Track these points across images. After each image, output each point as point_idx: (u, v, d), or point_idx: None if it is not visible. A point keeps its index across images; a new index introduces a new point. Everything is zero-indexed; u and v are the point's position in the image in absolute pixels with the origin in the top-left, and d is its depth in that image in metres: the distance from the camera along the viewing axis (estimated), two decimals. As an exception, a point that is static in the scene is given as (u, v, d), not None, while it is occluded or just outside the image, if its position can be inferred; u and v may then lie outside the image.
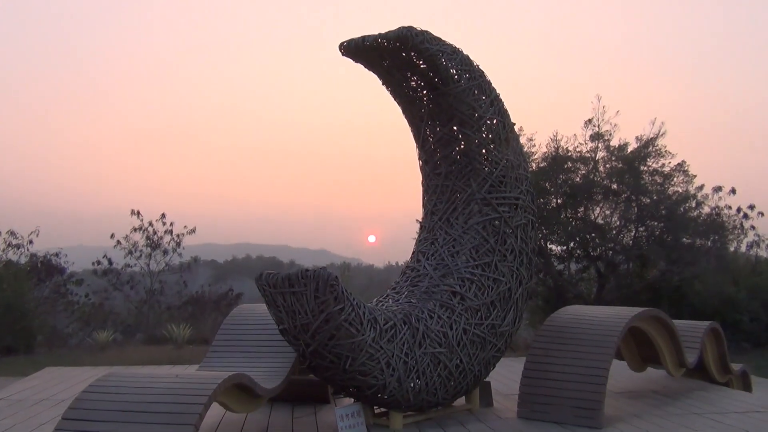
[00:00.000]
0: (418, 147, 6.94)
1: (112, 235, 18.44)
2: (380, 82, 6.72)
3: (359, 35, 6.30)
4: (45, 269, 17.38)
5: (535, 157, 14.97)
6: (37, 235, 17.06)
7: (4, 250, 16.74)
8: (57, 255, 17.71)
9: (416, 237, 7.04)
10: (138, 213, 18.45)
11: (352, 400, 6.22)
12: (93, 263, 18.82)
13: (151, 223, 18.57)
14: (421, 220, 7.13)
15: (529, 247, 6.78)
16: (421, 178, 7.07)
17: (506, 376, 8.98)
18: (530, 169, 12.92)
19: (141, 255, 18.58)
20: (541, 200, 14.59)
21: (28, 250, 17.07)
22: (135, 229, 18.45)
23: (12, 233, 16.90)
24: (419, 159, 7.00)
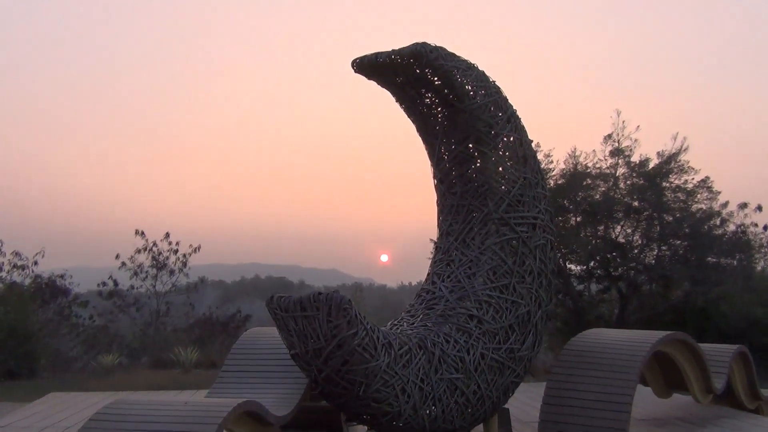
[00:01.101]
0: (432, 165, 6.96)
1: (117, 256, 18.56)
2: (394, 99, 6.76)
3: (372, 51, 6.35)
4: (49, 291, 17.49)
5: (553, 174, 14.95)
6: (43, 256, 17.20)
7: (9, 272, 16.89)
8: (62, 276, 17.82)
9: (431, 257, 7.03)
10: (142, 233, 18.58)
11: (366, 428, 6.19)
12: (98, 285, 18.92)
13: (155, 243, 18.69)
14: (436, 240, 7.12)
15: (548, 268, 6.76)
16: (435, 197, 7.08)
17: (526, 403, 8.91)
18: (548, 186, 12.91)
19: (146, 276, 18.66)
20: (560, 218, 14.55)
21: (32, 271, 17.21)
22: (140, 250, 18.57)
23: (17, 254, 17.05)
24: (434, 177, 7.01)
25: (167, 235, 18.74)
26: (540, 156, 14.79)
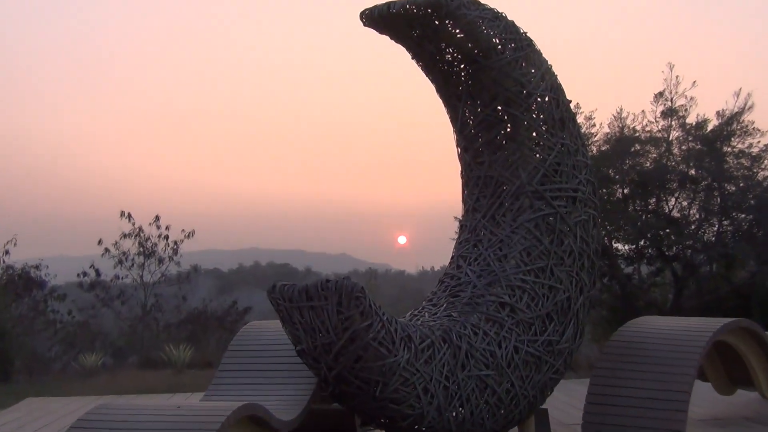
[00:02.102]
0: (455, 131, 6.93)
1: (100, 242, 18.73)
2: (410, 56, 6.72)
3: (383, 1, 6.31)
4: (23, 284, 17.67)
5: (596, 139, 14.88)
6: (15, 245, 17.37)
7: (-24, 263, 17.09)
8: (37, 267, 17.99)
9: (455, 238, 7.03)
10: (129, 216, 18.70)
11: (384, 432, 6.24)
12: (78, 275, 19.11)
13: (142, 228, 18.81)
14: (461, 218, 7.11)
15: (590, 248, 6.73)
16: (459, 169, 7.06)
17: (566, 402, 8.94)
18: (590, 153, 12.81)
19: (133, 264, 18.85)
20: (604, 191, 14.49)
21: (4, 261, 17.39)
22: (125, 235, 18.71)
23: (-14, 243, 17.22)
24: (457, 146, 6.99)
25: (156, 218, 18.88)
26: (580, 119, 14.69)
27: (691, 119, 14.66)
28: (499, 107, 6.56)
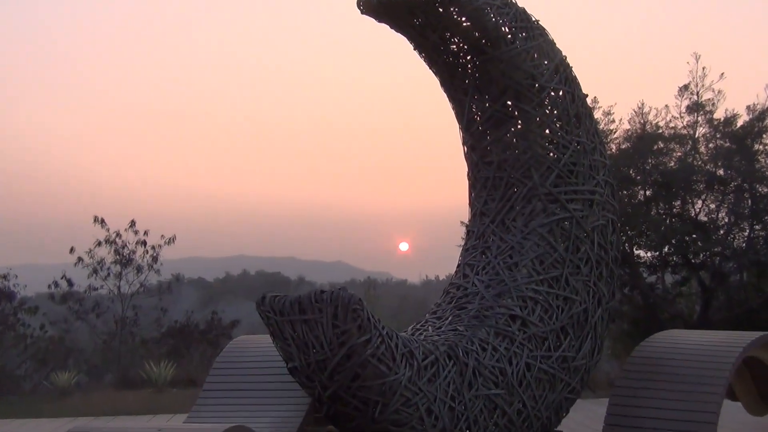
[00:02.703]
0: (461, 129, 6.94)
1: (72, 250, 18.71)
2: (411, 47, 6.73)
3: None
4: (-10, 295, 17.66)
5: (615, 136, 14.87)
6: (-19, 253, 17.40)
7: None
8: (5, 277, 17.98)
9: (462, 245, 7.03)
10: (102, 221, 18.69)
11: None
12: (49, 286, 19.08)
13: (119, 234, 18.79)
14: (467, 222, 7.11)
15: (609, 255, 6.74)
16: (466, 169, 7.07)
17: (583, 424, 8.93)
18: (609, 152, 12.81)
19: (108, 274, 18.82)
20: (625, 192, 14.48)
21: (-31, 272, 17.39)
22: (100, 242, 18.69)
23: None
24: (464, 144, 6.99)
25: (133, 223, 18.86)
26: (597, 114, 14.70)
27: (719, 114, 14.67)
28: (509, 102, 6.58)
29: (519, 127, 6.60)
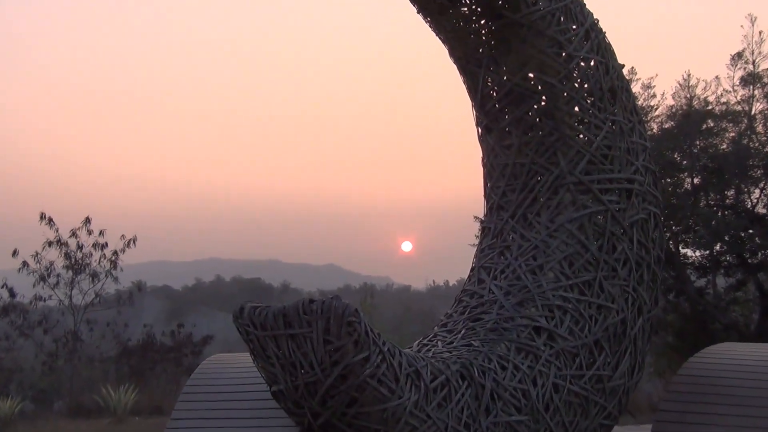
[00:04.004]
0: (474, 107, 6.93)
1: (15, 253, 18.69)
2: (414, 10, 6.72)
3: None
4: None
5: (657, 114, 14.88)
6: None
7: None
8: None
9: (476, 244, 7.03)
10: (50, 220, 18.66)
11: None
12: (-14, 296, 19.07)
13: (74, 233, 18.77)
14: (482, 218, 7.11)
15: (651, 255, 6.73)
16: (480, 155, 7.06)
17: (621, 455, 8.93)
18: (650, 133, 12.81)
19: (58, 282, 18.81)
20: (668, 181, 14.48)
21: None
22: (49, 243, 18.67)
23: None
24: (477, 125, 6.98)
25: (87, 221, 18.83)
26: (636, 88, 14.70)
27: (779, 87, 14.65)
28: (531, 75, 6.57)
29: (543, 104, 6.58)
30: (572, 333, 6.31)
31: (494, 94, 6.75)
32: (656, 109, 14.94)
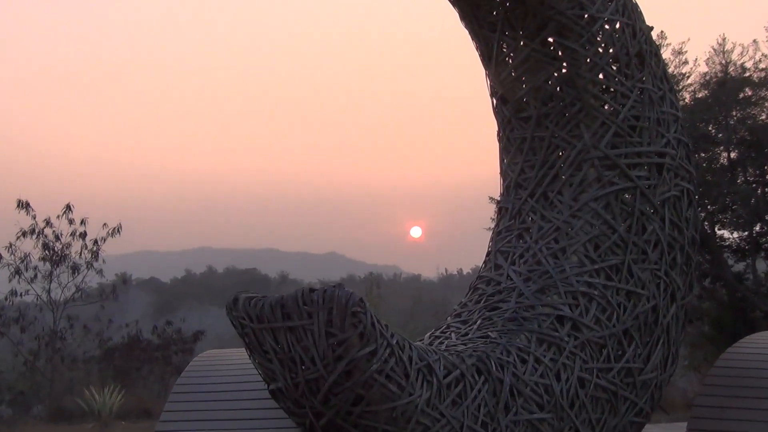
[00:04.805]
0: (488, 75, 6.91)
1: (-12, 244, 18.69)
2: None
3: None
4: None
5: (689, 82, 14.83)
6: None
7: None
8: None
9: (492, 228, 7.02)
10: (26, 205, 18.66)
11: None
12: (-43, 291, 19.09)
13: (49, 222, 18.78)
14: (499, 198, 7.10)
15: (684, 237, 6.72)
16: (495, 128, 7.04)
17: (654, 456, 8.93)
18: (682, 103, 12.76)
19: (36, 275, 18.82)
20: (703, 155, 14.45)
21: None
22: (24, 233, 18.67)
23: None
24: (491, 95, 6.96)
25: (68, 208, 18.80)
26: (666, 54, 14.65)
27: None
28: (550, 39, 6.56)
29: (564, 71, 6.56)
30: (599, 322, 6.31)
31: (510, 60, 6.73)
32: (688, 77, 14.91)
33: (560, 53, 6.56)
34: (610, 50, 6.55)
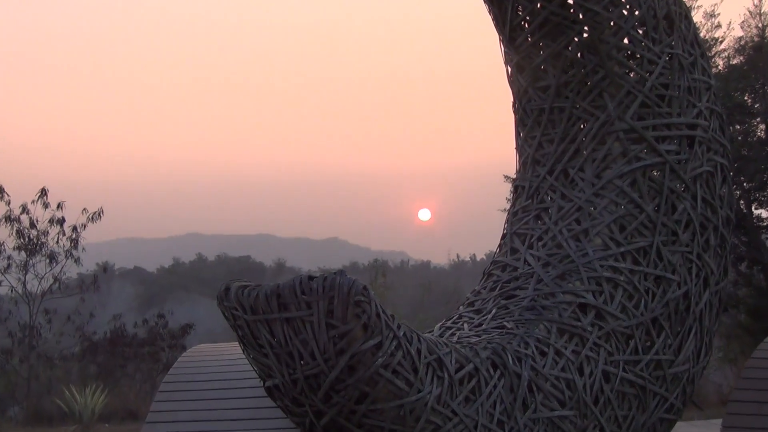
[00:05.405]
0: (503, 41, 6.89)
1: (-45, 232, 18.75)
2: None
3: None
4: None
5: (723, 47, 14.77)
6: None
7: None
8: None
9: (508, 208, 7.00)
10: (0, 190, 18.68)
11: None
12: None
13: (25, 208, 18.80)
14: (514, 176, 7.09)
15: (718, 216, 6.70)
16: (510, 99, 7.03)
17: (686, 456, 8.94)
18: (715, 70, 12.72)
19: (9, 265, 18.86)
20: (738, 127, 14.42)
21: None
22: (-3, 219, 18.70)
23: None
24: (506, 63, 6.95)
25: (43, 192, 18.81)
26: (697, 17, 14.60)
27: None
28: (570, 0, 6.53)
29: (585, 35, 6.54)
30: (625, 311, 6.31)
31: (526, 25, 6.72)
32: (722, 41, 14.85)
33: (581, 16, 6.54)
34: (636, 12, 6.54)
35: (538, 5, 6.62)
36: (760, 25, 14.89)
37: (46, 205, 18.87)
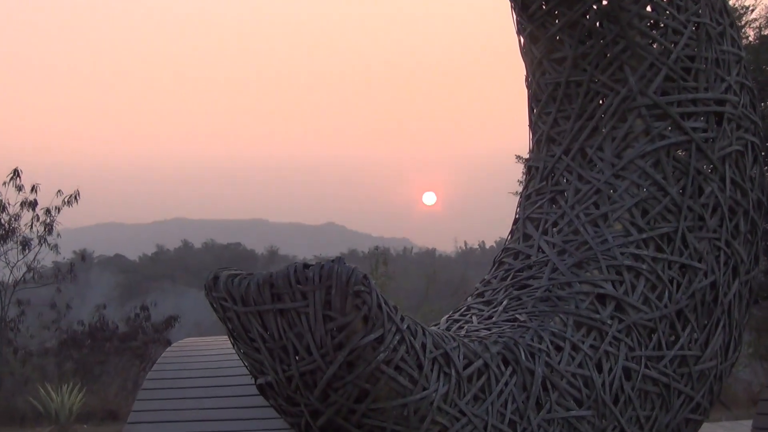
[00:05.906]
0: (515, 9, 6.88)
1: None
2: None
3: None
4: None
5: (754, 17, 14.76)
6: None
7: None
8: None
9: (520, 191, 7.01)
10: (-32, 170, 18.72)
11: None
12: None
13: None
14: (528, 155, 7.08)
15: (749, 200, 6.70)
16: (523, 72, 7.02)
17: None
18: (745, 41, 12.71)
19: (-21, 252, 18.89)
20: (769, 103, 14.39)
21: None
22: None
23: None
24: (518, 33, 6.95)
25: (15, 174, 18.82)
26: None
27: None
28: (589, -36, 6.52)
29: (605, 3, 6.53)
30: (647, 302, 6.31)
31: (540, -9, 6.70)
32: (753, 10, 14.82)
33: (600, -19, 6.53)
34: (660, -23, 6.52)
35: (554, -31, 6.62)
36: (793, -8, 14.88)
37: (19, 188, 18.88)
